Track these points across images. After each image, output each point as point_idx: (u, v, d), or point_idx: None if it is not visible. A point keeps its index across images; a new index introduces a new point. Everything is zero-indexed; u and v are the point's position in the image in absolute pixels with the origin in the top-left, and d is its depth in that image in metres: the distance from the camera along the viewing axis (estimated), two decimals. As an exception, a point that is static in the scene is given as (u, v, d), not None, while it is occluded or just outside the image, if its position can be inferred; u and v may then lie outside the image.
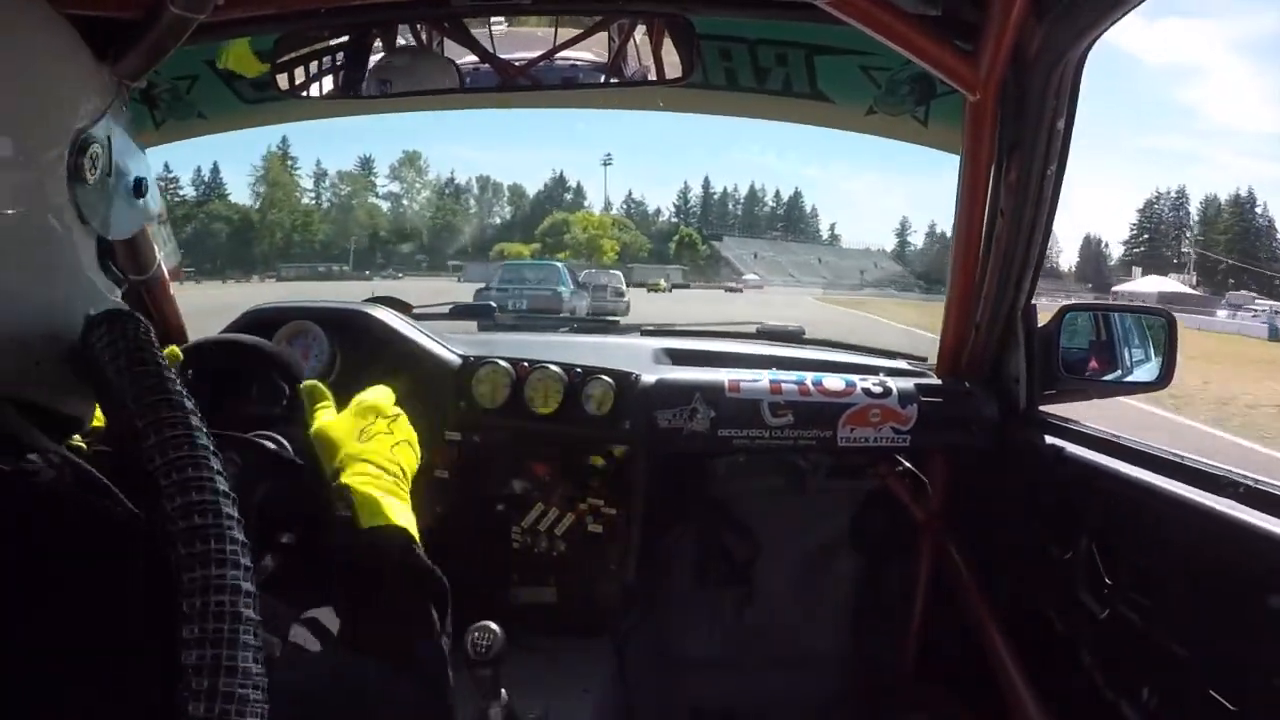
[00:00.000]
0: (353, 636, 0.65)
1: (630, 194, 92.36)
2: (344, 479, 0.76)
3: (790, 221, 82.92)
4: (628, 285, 23.07)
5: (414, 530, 0.73)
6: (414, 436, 0.84)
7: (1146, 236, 65.49)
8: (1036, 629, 1.28)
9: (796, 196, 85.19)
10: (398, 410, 0.85)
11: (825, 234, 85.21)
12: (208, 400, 1.16)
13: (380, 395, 0.86)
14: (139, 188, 0.65)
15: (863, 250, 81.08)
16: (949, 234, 1.35)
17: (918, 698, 1.61)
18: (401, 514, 0.74)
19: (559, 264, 18.82)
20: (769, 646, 1.74)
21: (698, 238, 72.14)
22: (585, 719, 1.38)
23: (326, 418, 0.84)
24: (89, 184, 0.58)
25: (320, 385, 0.87)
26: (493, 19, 1.36)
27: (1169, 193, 67.05)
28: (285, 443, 1.08)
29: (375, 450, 0.80)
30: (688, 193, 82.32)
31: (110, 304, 0.61)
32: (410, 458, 0.82)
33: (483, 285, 13.82)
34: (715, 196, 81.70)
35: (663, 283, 43.39)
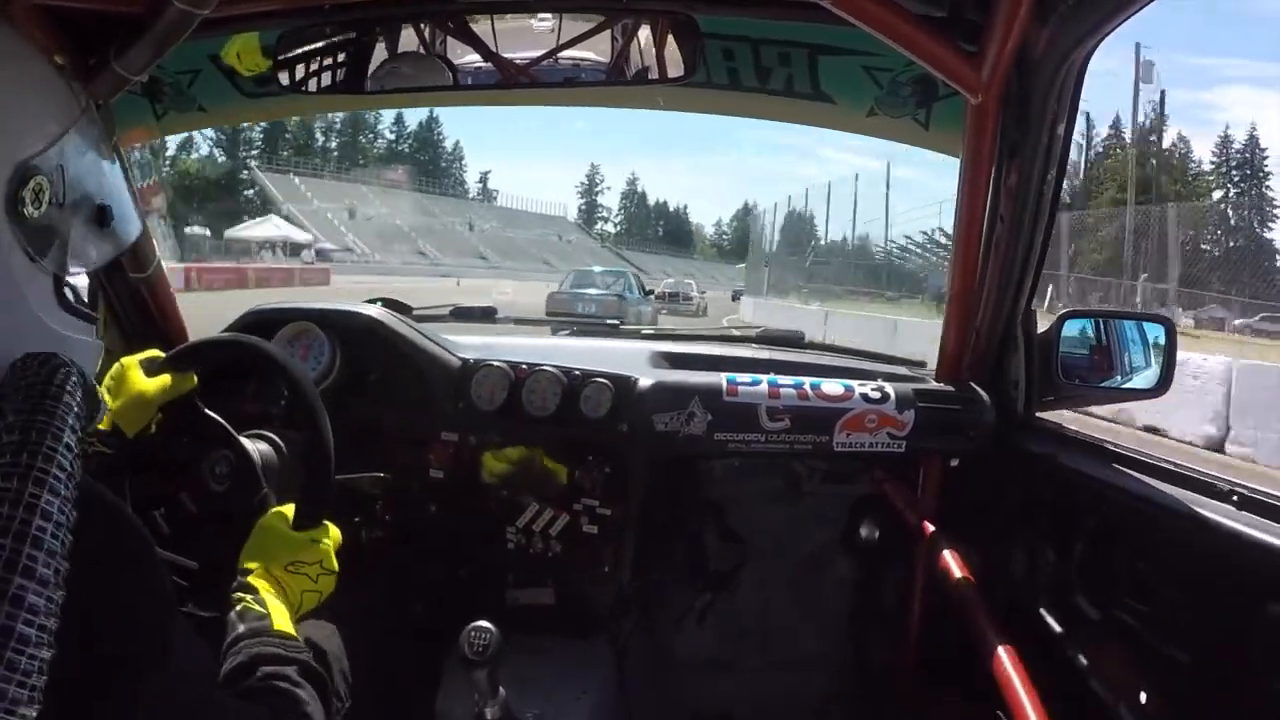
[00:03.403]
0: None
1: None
2: (253, 579, 0.84)
3: (420, 164, 49.13)
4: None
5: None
6: (329, 592, 0.92)
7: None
8: (1034, 634, 1.27)
9: (431, 123, 52.06)
10: (335, 570, 0.92)
11: (474, 188, 53.23)
12: (205, 397, 1.16)
13: (333, 544, 0.93)
14: (103, 216, 0.59)
15: (539, 215, 54.31)
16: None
17: (916, 701, 1.60)
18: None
19: (627, 271, 18.92)
20: (767, 649, 1.74)
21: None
22: None
23: (282, 523, 0.92)
24: (31, 219, 0.53)
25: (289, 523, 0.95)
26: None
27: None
28: (281, 444, 1.09)
29: (291, 584, 0.87)
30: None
31: (66, 342, 0.57)
32: (311, 604, 0.90)
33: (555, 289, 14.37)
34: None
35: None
